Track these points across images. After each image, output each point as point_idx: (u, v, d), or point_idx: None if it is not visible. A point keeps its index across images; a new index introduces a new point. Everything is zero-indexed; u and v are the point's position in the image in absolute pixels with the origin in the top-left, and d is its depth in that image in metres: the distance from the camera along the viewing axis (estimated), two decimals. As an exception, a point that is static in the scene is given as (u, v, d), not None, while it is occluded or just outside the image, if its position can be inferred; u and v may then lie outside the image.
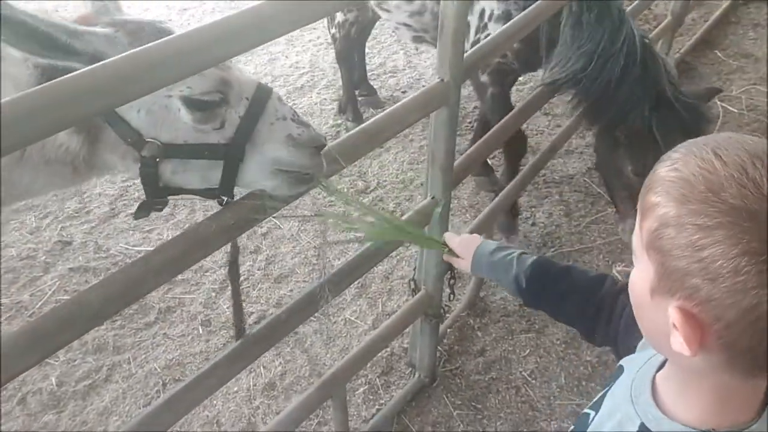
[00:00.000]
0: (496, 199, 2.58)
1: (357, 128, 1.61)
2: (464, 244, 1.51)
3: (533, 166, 2.80)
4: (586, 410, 1.04)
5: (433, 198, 1.93)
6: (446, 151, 1.81)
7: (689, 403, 0.83)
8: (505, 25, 1.98)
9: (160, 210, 1.52)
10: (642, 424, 0.86)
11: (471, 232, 2.36)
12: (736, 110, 3.82)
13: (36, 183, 1.35)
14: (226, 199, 1.40)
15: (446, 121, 1.75)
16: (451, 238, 1.56)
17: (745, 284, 0.67)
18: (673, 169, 0.75)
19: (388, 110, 1.66)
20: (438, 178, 1.88)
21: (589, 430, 0.98)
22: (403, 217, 1.90)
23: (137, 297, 1.26)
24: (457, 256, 1.52)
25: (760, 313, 0.68)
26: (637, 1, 3.16)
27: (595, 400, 1.03)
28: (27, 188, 1.36)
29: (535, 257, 1.40)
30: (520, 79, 3.47)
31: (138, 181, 1.36)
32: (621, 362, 1.04)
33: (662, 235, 0.74)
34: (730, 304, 0.69)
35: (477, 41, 2.64)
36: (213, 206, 1.46)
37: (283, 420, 1.80)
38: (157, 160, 1.29)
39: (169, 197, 1.43)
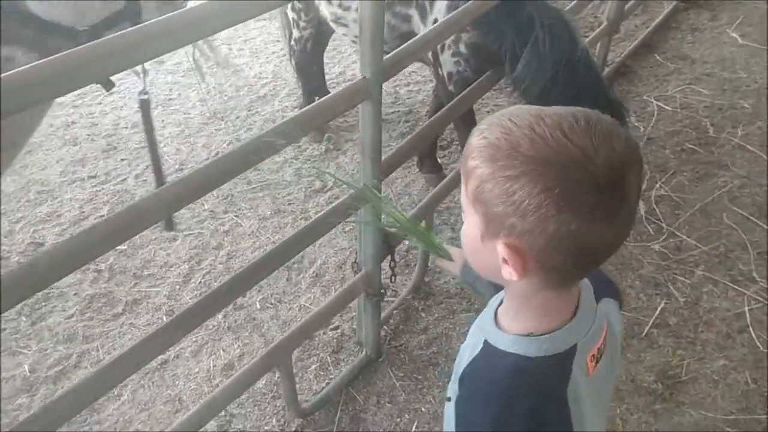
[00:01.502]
0: (435, 189, 2.81)
1: (293, 115, 1.83)
2: (457, 253, 1.63)
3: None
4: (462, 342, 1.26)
5: (365, 185, 2.15)
6: (373, 141, 2.04)
7: (518, 319, 1.05)
8: (422, 33, 2.22)
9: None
10: (485, 341, 1.07)
11: (413, 217, 2.61)
12: (670, 108, 4.09)
13: None
14: None
15: (371, 114, 1.98)
16: (450, 248, 1.68)
17: (546, 214, 0.87)
18: (483, 137, 0.94)
19: (319, 101, 1.89)
20: (368, 167, 2.10)
21: (457, 358, 1.20)
22: (335, 203, 2.12)
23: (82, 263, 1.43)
24: (450, 259, 1.63)
25: (561, 235, 0.88)
26: (570, 4, 3.41)
27: None
28: None
29: None
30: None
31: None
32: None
33: (483, 190, 0.92)
34: (539, 233, 0.89)
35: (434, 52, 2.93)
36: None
37: (232, 384, 2.01)
38: None
39: None
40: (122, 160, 3.84)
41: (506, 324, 1.07)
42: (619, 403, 2.43)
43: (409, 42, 2.13)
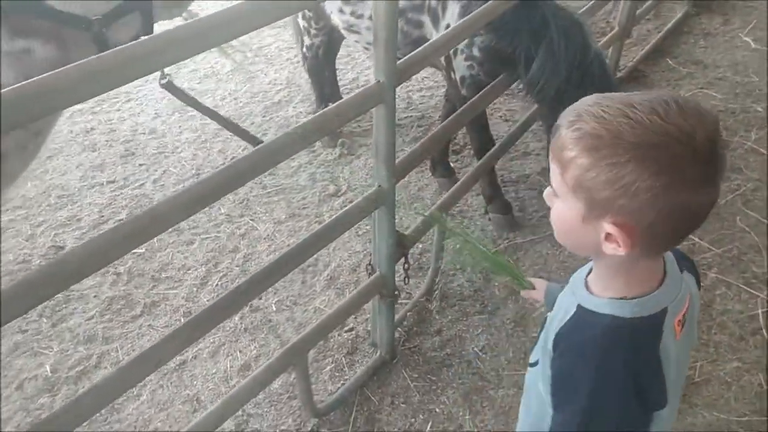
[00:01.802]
0: (448, 192, 2.85)
1: (308, 119, 1.87)
2: (539, 283, 1.71)
3: (484, 163, 3.06)
4: (547, 312, 1.33)
5: (379, 186, 2.19)
6: (387, 144, 2.08)
7: (612, 286, 1.12)
8: (434, 38, 2.27)
9: None
10: (579, 305, 1.15)
11: (424, 223, 2.65)
12: (682, 112, 4.10)
13: None
14: None
15: (385, 117, 2.02)
16: (531, 279, 1.75)
17: (656, 193, 0.95)
18: (576, 129, 1.00)
19: (334, 105, 1.93)
20: (382, 168, 2.14)
21: (546, 324, 1.26)
22: (351, 205, 2.16)
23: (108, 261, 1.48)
24: (533, 289, 1.70)
25: (670, 209, 0.97)
26: (582, 9, 3.44)
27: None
28: None
29: None
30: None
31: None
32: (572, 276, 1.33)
33: (586, 178, 0.99)
34: (649, 209, 0.97)
35: (447, 56, 2.97)
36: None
37: (249, 383, 2.05)
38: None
39: None
40: (140, 165, 3.91)
41: (598, 290, 1.15)
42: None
43: (422, 46, 2.17)
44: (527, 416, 1.38)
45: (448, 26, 2.90)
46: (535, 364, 1.28)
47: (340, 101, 1.94)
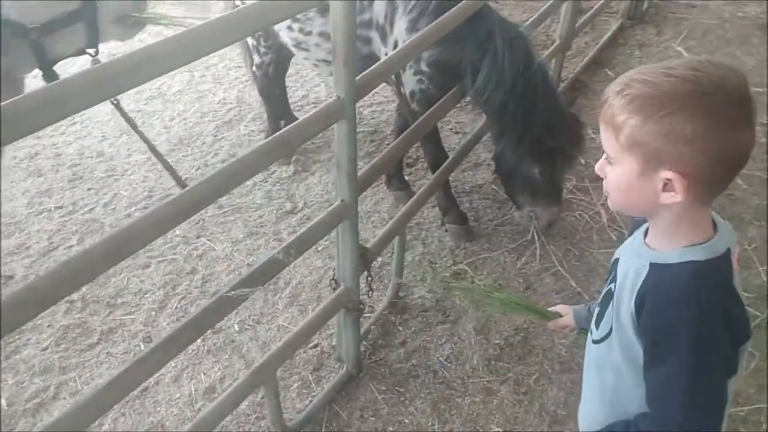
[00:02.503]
0: (406, 205, 2.88)
1: (268, 138, 1.88)
2: (563, 308, 1.81)
3: (439, 176, 3.11)
4: (607, 287, 1.37)
5: (342, 201, 2.21)
6: (349, 159, 2.10)
7: (676, 237, 1.21)
8: (391, 53, 2.31)
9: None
10: (651, 264, 1.22)
11: (383, 237, 2.68)
12: (623, 120, 4.27)
13: None
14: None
15: (346, 133, 2.05)
16: (555, 308, 1.84)
17: (710, 140, 1.07)
18: (624, 95, 1.13)
19: (294, 123, 1.95)
20: (344, 183, 2.17)
21: (616, 294, 1.29)
22: (316, 220, 2.17)
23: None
24: (561, 317, 1.79)
25: (721, 149, 1.08)
26: (525, 25, 3.55)
27: (608, 279, 1.38)
28: None
29: None
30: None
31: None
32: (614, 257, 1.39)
33: (640, 134, 1.11)
34: (702, 153, 1.08)
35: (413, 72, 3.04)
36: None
37: (222, 402, 2.03)
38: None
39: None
40: (89, 189, 3.82)
41: (664, 246, 1.23)
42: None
43: (381, 61, 2.22)
44: (603, 394, 1.39)
45: (396, 42, 2.96)
46: (603, 339, 1.34)
47: (302, 118, 1.95)
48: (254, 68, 3.93)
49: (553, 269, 3.15)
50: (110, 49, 4.30)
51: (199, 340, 2.79)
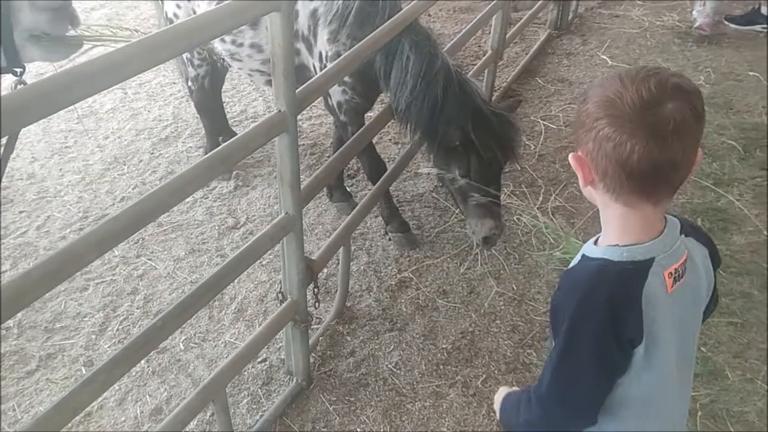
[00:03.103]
0: (348, 217, 2.91)
1: (208, 154, 1.88)
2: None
3: (380, 186, 3.15)
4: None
5: (286, 213, 2.22)
6: (292, 171, 2.12)
7: (606, 235, 1.33)
8: (330, 65, 2.35)
9: None
10: (583, 254, 1.36)
11: (328, 248, 2.70)
12: (555, 127, 4.43)
13: None
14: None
15: (288, 146, 2.07)
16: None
17: (603, 137, 1.21)
18: (583, 101, 1.29)
19: (236, 137, 1.95)
20: (288, 195, 2.18)
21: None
22: (260, 233, 2.17)
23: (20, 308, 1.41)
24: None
25: (618, 156, 1.19)
26: (457, 37, 3.65)
27: None
28: None
29: None
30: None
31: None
32: None
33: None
34: (600, 149, 1.22)
35: (337, 84, 3.03)
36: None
37: (170, 422, 1.99)
38: None
39: None
40: (21, 212, 3.69)
41: (600, 242, 1.35)
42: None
43: (319, 74, 2.24)
44: None
45: (320, 53, 2.98)
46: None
47: (244, 132, 1.96)
48: (189, 82, 3.89)
49: (495, 273, 3.23)
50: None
51: (143, 362, 2.74)
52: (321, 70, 2.97)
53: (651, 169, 1.18)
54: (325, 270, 3.17)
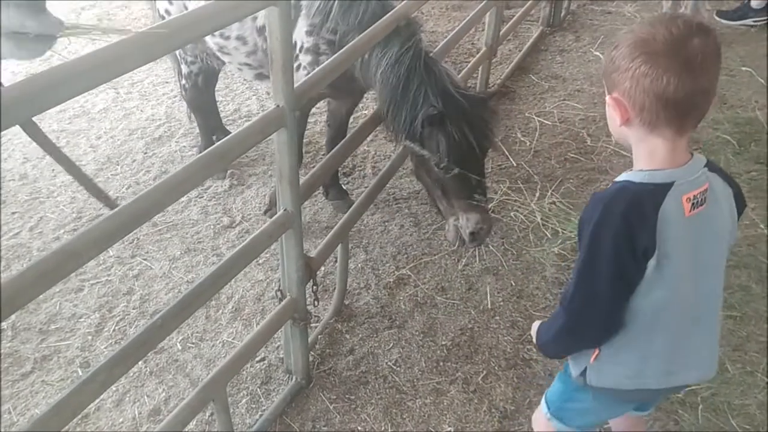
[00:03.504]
0: (346, 215, 2.89)
1: (205, 151, 1.85)
2: None
3: (377, 184, 3.13)
4: None
5: (285, 210, 2.20)
6: (290, 167, 2.10)
7: (637, 162, 1.50)
8: (329, 59, 2.32)
9: None
10: (614, 182, 1.50)
11: (326, 246, 2.67)
12: (550, 123, 4.42)
13: None
14: None
15: (287, 141, 2.04)
16: None
17: (640, 74, 1.37)
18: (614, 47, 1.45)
19: (233, 133, 1.92)
20: (287, 192, 2.16)
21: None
22: (259, 230, 2.15)
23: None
24: None
25: (653, 89, 1.35)
26: (452, 34, 3.64)
27: None
28: None
29: None
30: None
31: None
32: None
33: (603, 68, 1.50)
34: (637, 86, 1.38)
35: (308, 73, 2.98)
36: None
37: (171, 421, 1.97)
38: None
39: None
40: (13, 213, 3.65)
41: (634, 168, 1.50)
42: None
43: (316, 69, 2.22)
44: None
45: (295, 43, 2.93)
46: None
47: (241, 128, 1.93)
48: (183, 81, 3.86)
49: (493, 269, 3.22)
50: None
51: (140, 362, 2.71)
52: (293, 59, 2.93)
53: (685, 98, 1.33)
54: (322, 268, 3.14)
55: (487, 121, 2.76)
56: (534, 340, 1.77)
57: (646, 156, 1.44)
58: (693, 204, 1.40)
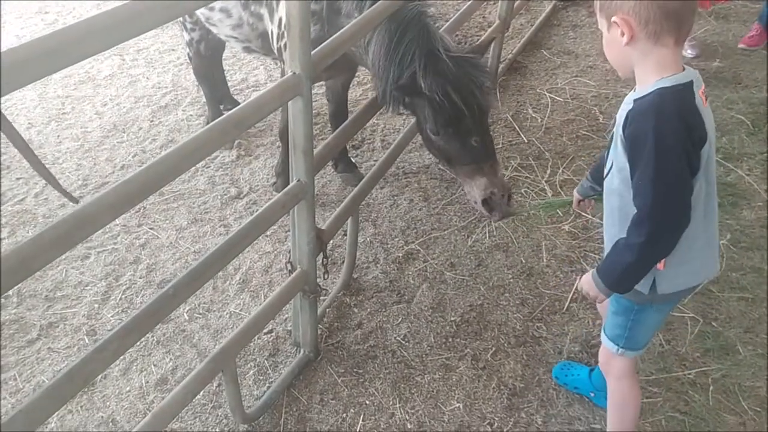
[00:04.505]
0: (357, 188, 2.85)
1: (222, 116, 1.81)
2: (575, 194, 2.31)
3: (388, 157, 3.09)
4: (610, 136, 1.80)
5: (299, 181, 2.16)
6: (305, 136, 2.06)
7: (651, 75, 1.57)
8: (344, 28, 2.25)
9: None
10: (633, 100, 1.58)
11: (336, 218, 2.64)
12: (561, 99, 4.36)
13: None
14: None
15: (302, 109, 2.00)
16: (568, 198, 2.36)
17: None
18: None
19: (248, 100, 1.88)
20: (301, 162, 2.12)
21: (614, 131, 1.68)
22: (272, 200, 2.11)
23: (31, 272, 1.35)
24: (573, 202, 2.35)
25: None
26: (465, 5, 3.56)
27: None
28: None
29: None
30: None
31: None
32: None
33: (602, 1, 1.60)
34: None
35: (279, 48, 2.92)
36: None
37: (179, 391, 1.95)
38: None
39: None
40: (18, 179, 3.61)
41: (643, 88, 1.58)
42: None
43: (333, 36, 2.17)
44: (612, 215, 1.77)
45: (280, 20, 2.84)
46: (608, 173, 1.74)
47: (257, 95, 1.89)
48: (187, 48, 3.78)
49: (503, 246, 3.19)
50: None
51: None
52: (278, 36, 2.87)
53: (682, 8, 1.50)
54: (331, 242, 3.11)
55: (474, 78, 2.58)
56: (587, 292, 1.81)
57: (655, 67, 1.55)
58: (705, 97, 1.58)
